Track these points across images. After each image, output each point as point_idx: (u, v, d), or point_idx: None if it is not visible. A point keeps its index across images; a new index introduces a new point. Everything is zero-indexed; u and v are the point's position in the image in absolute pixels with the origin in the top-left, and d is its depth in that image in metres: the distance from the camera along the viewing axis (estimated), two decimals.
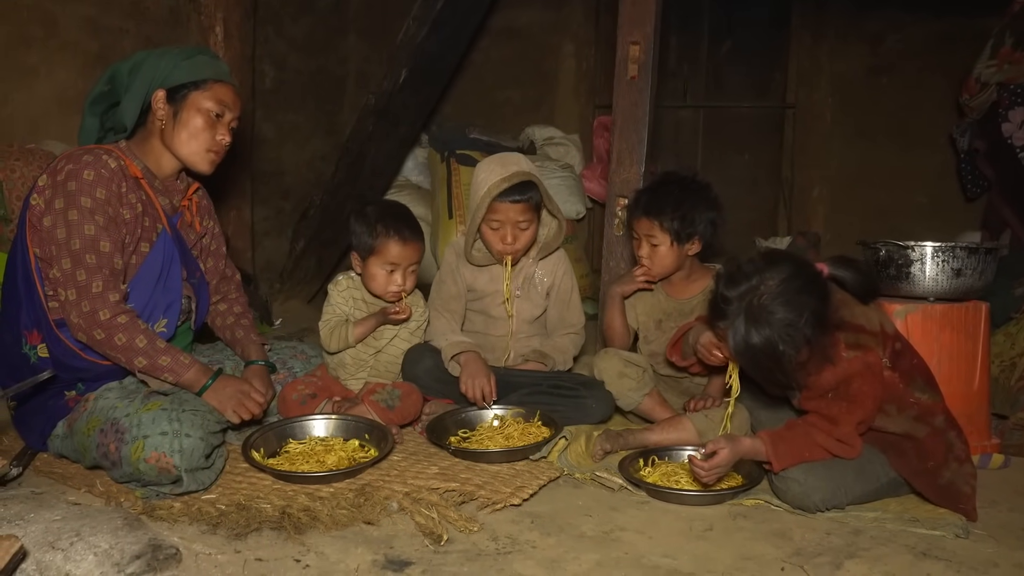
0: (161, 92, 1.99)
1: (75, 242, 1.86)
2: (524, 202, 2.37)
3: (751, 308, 1.73)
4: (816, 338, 1.73)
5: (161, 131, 2.02)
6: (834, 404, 1.80)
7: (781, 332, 1.71)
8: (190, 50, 2.06)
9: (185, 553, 1.56)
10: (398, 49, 3.62)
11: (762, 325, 1.72)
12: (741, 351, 1.76)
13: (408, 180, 4.66)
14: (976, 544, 1.70)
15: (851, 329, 1.81)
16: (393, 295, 2.33)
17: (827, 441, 1.81)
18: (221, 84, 2.05)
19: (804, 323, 1.71)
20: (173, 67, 1.99)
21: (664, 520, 1.80)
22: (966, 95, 3.75)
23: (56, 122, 3.03)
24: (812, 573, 1.56)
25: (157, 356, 1.90)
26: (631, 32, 2.73)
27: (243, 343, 2.28)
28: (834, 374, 1.79)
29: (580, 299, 2.62)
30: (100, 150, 1.96)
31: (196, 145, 2.02)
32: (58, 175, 1.91)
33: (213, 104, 2.02)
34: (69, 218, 1.87)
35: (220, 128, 2.05)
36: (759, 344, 1.72)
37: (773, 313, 1.72)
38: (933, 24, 4.41)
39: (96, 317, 1.85)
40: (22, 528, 1.54)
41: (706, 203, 2.32)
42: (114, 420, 1.81)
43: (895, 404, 1.84)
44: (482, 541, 1.66)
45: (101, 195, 1.90)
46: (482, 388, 2.29)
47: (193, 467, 1.77)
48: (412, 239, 2.31)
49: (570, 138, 4.74)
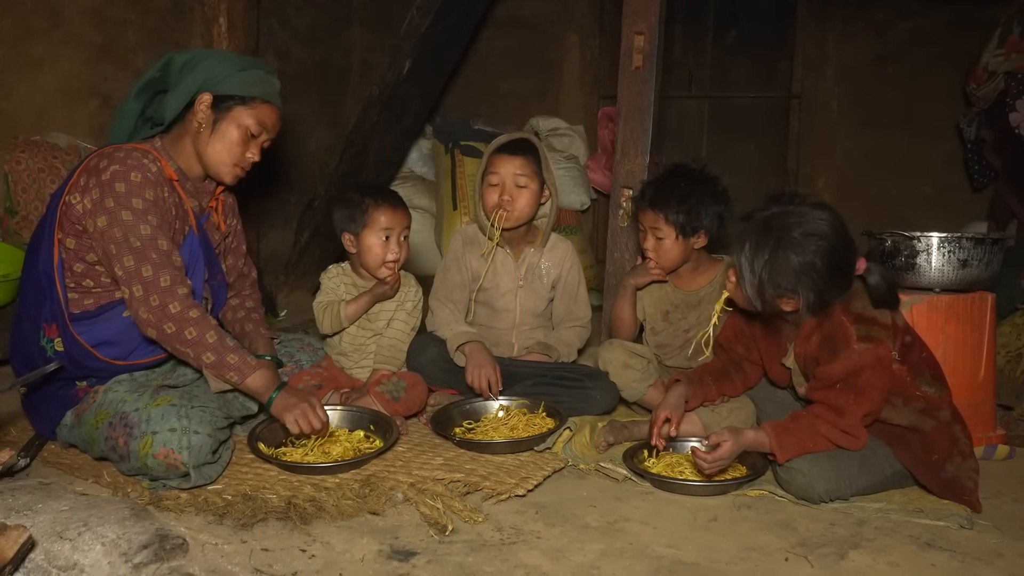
0: (208, 96, 1.96)
1: (134, 240, 1.84)
2: (522, 157, 2.41)
3: (784, 224, 1.76)
4: (811, 299, 1.75)
5: (196, 133, 1.99)
6: (841, 395, 1.80)
7: (795, 262, 1.73)
8: (248, 61, 2.04)
9: (192, 543, 1.57)
10: (402, 40, 3.61)
11: (784, 246, 1.74)
12: (749, 258, 1.77)
13: (412, 171, 4.66)
14: (980, 534, 1.70)
15: (864, 321, 1.80)
16: (389, 267, 2.35)
17: (832, 432, 1.80)
18: (267, 105, 2.02)
19: (817, 273, 1.73)
20: (227, 75, 1.96)
21: (668, 511, 1.80)
22: (973, 84, 3.73)
23: (61, 114, 3.03)
24: (816, 563, 1.56)
25: (226, 354, 1.87)
26: (636, 22, 2.72)
27: (252, 336, 2.29)
28: (844, 365, 1.79)
29: (587, 293, 2.62)
30: (137, 151, 1.92)
31: (226, 157, 2.00)
32: (102, 174, 1.87)
33: (254, 123, 2.00)
34: (123, 218, 1.84)
35: (253, 146, 2.03)
36: (767, 258, 1.74)
37: (798, 243, 1.74)
38: (940, 13, 4.38)
39: (167, 311, 1.83)
40: (30, 518, 1.55)
41: (713, 197, 2.30)
42: (123, 414, 1.82)
43: (902, 396, 1.83)
44: (487, 531, 1.67)
45: (150, 196, 1.88)
46: (488, 378, 2.29)
47: (200, 463, 1.78)
48: (399, 204, 2.41)
49: (574, 129, 4.72)
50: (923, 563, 1.57)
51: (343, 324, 2.36)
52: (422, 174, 4.65)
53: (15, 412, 2.19)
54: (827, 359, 1.81)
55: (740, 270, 1.81)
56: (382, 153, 3.96)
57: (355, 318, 2.37)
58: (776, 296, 1.79)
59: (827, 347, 1.82)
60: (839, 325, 1.82)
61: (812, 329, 1.87)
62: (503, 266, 2.53)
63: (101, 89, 3.13)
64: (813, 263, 1.74)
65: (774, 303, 1.80)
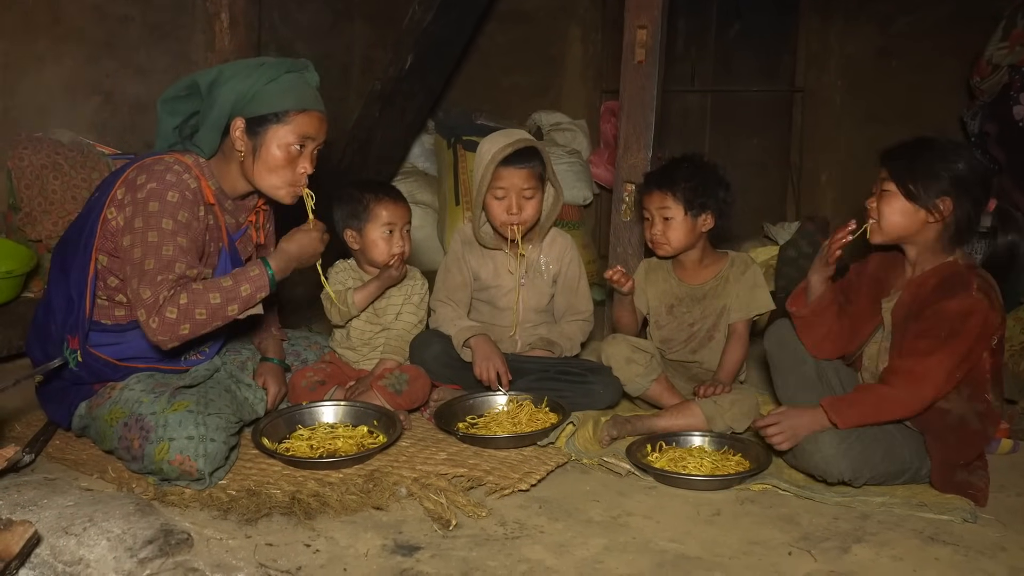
0: (240, 122, 1.87)
1: (149, 262, 1.79)
2: (528, 168, 2.38)
3: (932, 141, 1.87)
4: (964, 202, 1.81)
5: (240, 160, 1.92)
6: (938, 341, 1.77)
7: (952, 160, 1.81)
8: (274, 67, 1.90)
9: (196, 538, 1.57)
10: (404, 34, 3.60)
11: (939, 149, 1.85)
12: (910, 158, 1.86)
13: (415, 167, 4.65)
14: (984, 528, 1.70)
15: (988, 283, 1.81)
16: (396, 259, 2.36)
17: (899, 390, 1.79)
18: (305, 114, 1.91)
19: (970, 173, 1.81)
20: (254, 93, 1.86)
21: (671, 505, 1.80)
22: (977, 77, 3.71)
23: (63, 110, 3.03)
24: (819, 557, 1.56)
25: (238, 290, 1.86)
26: (638, 16, 2.71)
27: (262, 335, 2.29)
28: (960, 304, 1.77)
29: (588, 286, 2.62)
30: (179, 166, 1.87)
31: (277, 179, 1.94)
32: (138, 192, 1.82)
33: (294, 139, 1.91)
34: (148, 240, 1.79)
35: (302, 160, 1.95)
36: (926, 155, 1.84)
37: (951, 149, 1.85)
38: (944, 5, 4.35)
39: (166, 321, 1.79)
40: (36, 514, 1.56)
41: (716, 179, 2.34)
42: (139, 416, 1.82)
43: (971, 389, 1.82)
44: (490, 526, 1.67)
45: (183, 218, 1.83)
46: (497, 370, 2.30)
47: (215, 469, 1.79)
48: (399, 197, 2.42)
49: (577, 123, 4.71)
50: (926, 557, 1.58)
51: (351, 312, 2.37)
52: (424, 169, 4.64)
53: (19, 408, 2.20)
54: (939, 298, 1.80)
55: (899, 178, 1.85)
56: (384, 148, 3.95)
57: (363, 305, 2.38)
58: (936, 195, 1.81)
59: (943, 287, 1.81)
60: (961, 273, 1.82)
61: (931, 275, 1.86)
62: (504, 265, 2.53)
63: (103, 85, 3.13)
64: (968, 165, 1.81)
65: (933, 202, 1.82)
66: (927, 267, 1.88)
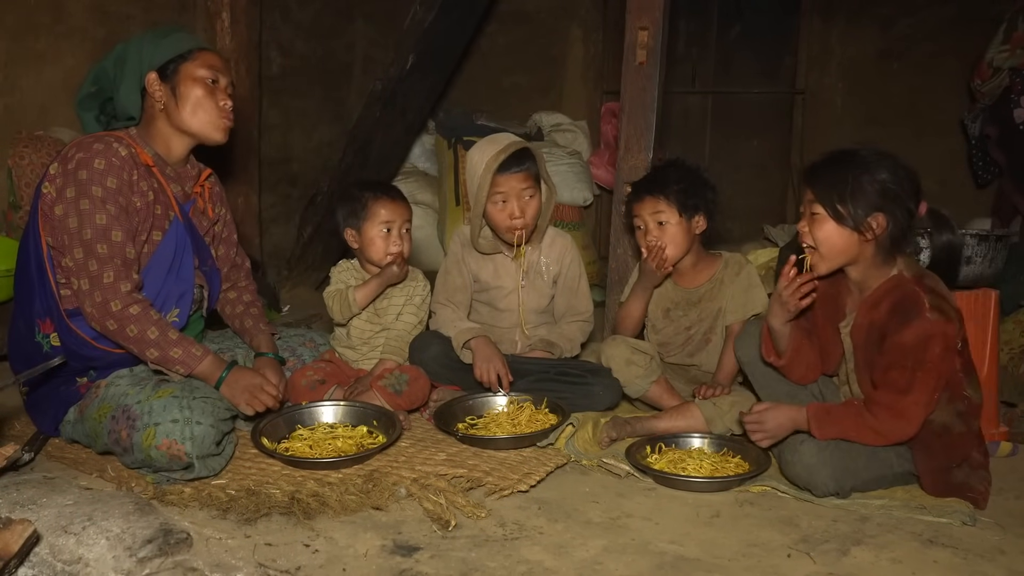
0: (153, 74, 1.99)
1: (87, 231, 1.86)
2: (524, 170, 2.39)
3: (852, 154, 1.82)
4: (897, 215, 1.76)
5: (165, 112, 2.01)
6: (906, 373, 1.74)
7: (876, 176, 1.76)
8: (164, 29, 2.07)
9: (196, 537, 1.57)
10: (405, 34, 3.60)
11: (860, 167, 1.78)
12: (832, 184, 1.80)
13: (415, 167, 4.65)
14: (983, 531, 1.70)
15: (937, 295, 1.76)
16: (393, 257, 2.36)
17: (882, 423, 1.76)
18: (206, 52, 2.05)
19: (896, 185, 1.76)
20: (155, 47, 1.99)
21: (671, 507, 1.80)
22: (978, 80, 3.71)
23: (64, 108, 3.03)
24: (818, 559, 1.56)
25: (169, 348, 1.90)
26: (639, 17, 2.71)
27: (252, 332, 2.29)
28: (916, 333, 1.72)
29: (588, 286, 2.62)
30: (110, 137, 1.95)
31: (204, 115, 2.02)
32: (68, 163, 1.90)
33: (206, 71, 2.01)
34: (81, 207, 1.86)
35: (219, 94, 2.04)
36: (850, 180, 1.77)
37: (872, 162, 1.78)
38: (945, 8, 4.36)
39: (108, 307, 1.85)
40: (35, 512, 1.56)
41: (702, 180, 2.36)
42: (125, 407, 1.82)
43: (948, 393, 1.80)
44: (490, 527, 1.67)
45: (112, 184, 1.89)
46: (497, 371, 2.30)
47: (204, 454, 1.78)
48: (398, 196, 2.43)
49: (578, 124, 4.71)
50: (925, 560, 1.58)
51: (353, 310, 2.37)
52: (425, 169, 4.64)
53: (19, 407, 2.20)
54: (896, 327, 1.75)
55: (826, 200, 1.81)
56: (385, 148, 3.95)
57: (365, 304, 2.38)
58: (866, 214, 1.77)
59: (898, 313, 1.76)
60: (911, 293, 1.76)
61: (882, 296, 1.82)
62: (504, 266, 2.53)
63: None
64: (893, 174, 1.77)
65: (864, 222, 1.78)
66: (873, 284, 1.85)
